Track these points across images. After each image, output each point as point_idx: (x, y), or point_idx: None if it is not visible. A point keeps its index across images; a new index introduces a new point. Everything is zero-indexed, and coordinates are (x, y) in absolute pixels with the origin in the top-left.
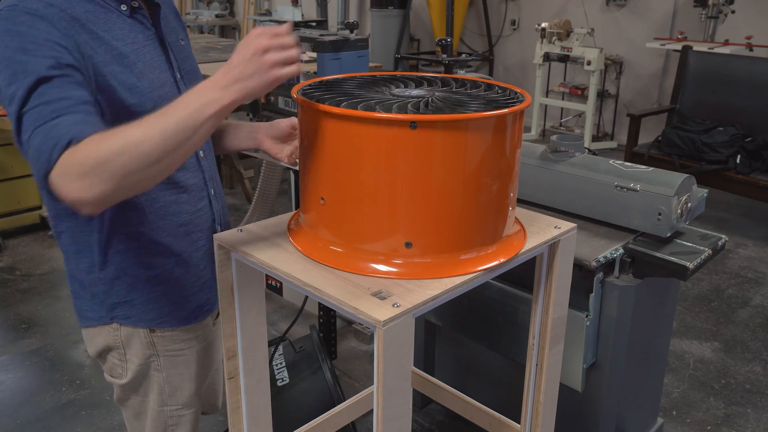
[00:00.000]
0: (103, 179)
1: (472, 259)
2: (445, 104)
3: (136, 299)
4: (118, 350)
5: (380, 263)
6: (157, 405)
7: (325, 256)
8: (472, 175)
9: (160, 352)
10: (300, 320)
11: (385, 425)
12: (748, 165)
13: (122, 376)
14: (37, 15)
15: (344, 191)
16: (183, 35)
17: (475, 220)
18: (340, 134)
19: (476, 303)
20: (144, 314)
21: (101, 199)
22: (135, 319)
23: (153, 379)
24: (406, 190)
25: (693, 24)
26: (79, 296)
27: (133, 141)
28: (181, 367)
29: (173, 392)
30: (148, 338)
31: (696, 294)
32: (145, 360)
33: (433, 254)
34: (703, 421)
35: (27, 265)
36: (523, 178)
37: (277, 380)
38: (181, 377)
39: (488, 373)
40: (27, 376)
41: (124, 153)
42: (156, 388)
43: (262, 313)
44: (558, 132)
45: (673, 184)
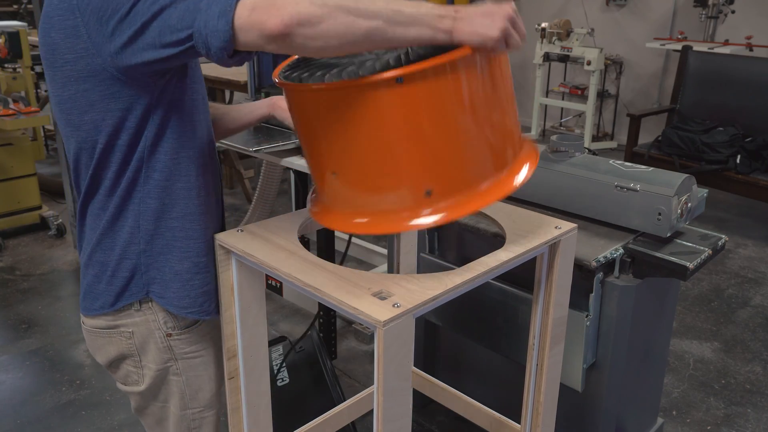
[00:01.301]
0: (322, 29)
1: (492, 187)
2: (426, 51)
3: (174, 283)
4: (132, 357)
5: (411, 219)
6: (178, 409)
7: (356, 226)
8: (470, 110)
9: (178, 355)
10: (300, 320)
11: (385, 425)
12: (748, 165)
13: (139, 384)
14: None
15: (353, 161)
16: None
17: (485, 150)
18: (331, 107)
19: (476, 303)
20: (177, 301)
21: (301, 21)
22: (168, 300)
23: (172, 383)
24: (412, 143)
25: (693, 24)
26: (109, 277)
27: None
28: (200, 368)
29: (194, 395)
30: (164, 342)
31: (696, 294)
32: (163, 365)
33: (454, 194)
34: (703, 421)
35: (27, 265)
36: None
37: (277, 380)
38: (201, 379)
39: (488, 373)
40: (27, 376)
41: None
42: (177, 393)
43: (262, 313)
44: (558, 132)
45: (673, 184)
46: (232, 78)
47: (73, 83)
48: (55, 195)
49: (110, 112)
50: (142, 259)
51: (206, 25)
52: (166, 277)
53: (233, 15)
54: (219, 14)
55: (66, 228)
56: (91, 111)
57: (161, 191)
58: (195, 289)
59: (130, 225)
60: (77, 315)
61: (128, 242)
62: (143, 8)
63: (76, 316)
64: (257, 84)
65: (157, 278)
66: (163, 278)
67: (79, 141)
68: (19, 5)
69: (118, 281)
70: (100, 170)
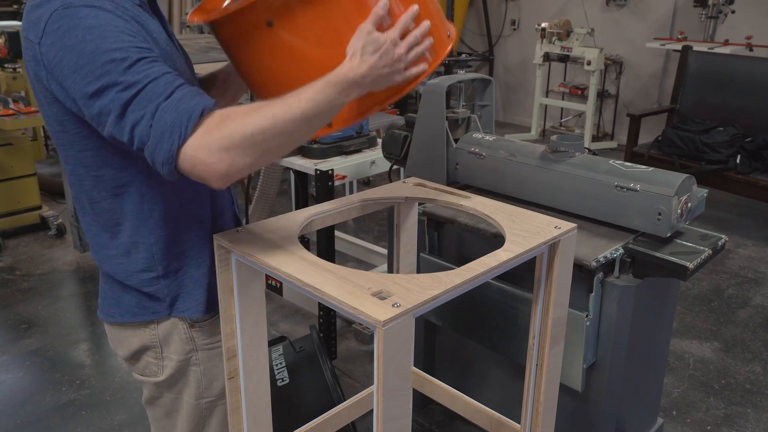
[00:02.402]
0: (246, 153)
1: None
2: None
3: (194, 289)
4: (154, 349)
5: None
6: (193, 399)
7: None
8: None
9: (199, 346)
10: (300, 320)
11: (385, 425)
12: (748, 165)
13: (158, 374)
14: (96, 6)
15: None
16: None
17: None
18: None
19: (476, 303)
20: (198, 304)
21: (237, 172)
22: (193, 310)
23: (191, 374)
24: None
25: (693, 24)
26: (131, 293)
27: (279, 119)
28: (217, 358)
29: (209, 384)
30: (187, 333)
31: (696, 294)
32: (185, 356)
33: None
34: (703, 421)
35: (27, 265)
36: (523, 178)
37: (277, 380)
38: (217, 369)
39: (488, 373)
40: (27, 376)
41: (271, 130)
42: (193, 383)
43: (262, 313)
44: (558, 132)
45: (673, 184)
46: None
47: (53, 122)
48: (55, 195)
49: (89, 149)
50: (162, 282)
51: (152, 158)
52: (188, 288)
53: (175, 164)
54: (162, 162)
55: (66, 228)
56: (74, 147)
57: (166, 219)
58: (215, 288)
59: (143, 256)
60: (77, 315)
61: (146, 269)
62: (107, 101)
63: (76, 316)
64: None
65: (180, 294)
66: (185, 290)
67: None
68: (19, 5)
69: (145, 299)
70: (95, 201)
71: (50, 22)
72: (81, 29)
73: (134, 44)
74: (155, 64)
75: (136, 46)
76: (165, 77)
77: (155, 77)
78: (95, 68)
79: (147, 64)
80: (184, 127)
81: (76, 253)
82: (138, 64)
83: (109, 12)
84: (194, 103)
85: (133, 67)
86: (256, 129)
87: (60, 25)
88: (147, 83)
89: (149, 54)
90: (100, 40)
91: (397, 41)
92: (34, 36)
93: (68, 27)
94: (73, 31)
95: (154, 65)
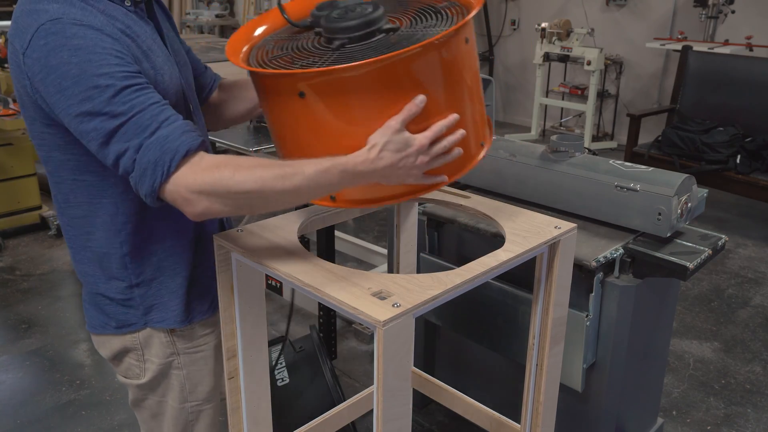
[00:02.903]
0: (226, 204)
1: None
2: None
3: (172, 301)
4: (135, 351)
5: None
6: (177, 403)
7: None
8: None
9: (180, 350)
10: (300, 320)
11: (385, 425)
12: (748, 165)
13: (140, 377)
14: (86, 24)
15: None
16: (168, 26)
17: None
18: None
19: (476, 303)
20: (175, 314)
21: (213, 215)
22: (170, 321)
23: (173, 377)
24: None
25: (693, 24)
26: (106, 305)
27: (269, 187)
28: (200, 363)
29: (193, 388)
30: (168, 338)
31: (696, 294)
32: (166, 359)
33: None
34: (703, 421)
35: (27, 265)
36: (523, 178)
37: (277, 380)
38: (201, 373)
39: (488, 373)
40: (27, 376)
41: (258, 193)
42: (177, 387)
43: (262, 313)
44: (558, 132)
45: (673, 184)
46: (231, 78)
47: (37, 125)
48: None
49: (73, 155)
50: (135, 292)
51: (135, 187)
52: (163, 299)
53: (158, 197)
54: (145, 195)
55: None
56: (57, 149)
57: (139, 231)
58: (194, 297)
59: (115, 266)
60: (77, 315)
61: (121, 278)
62: (95, 126)
63: (76, 316)
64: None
65: (155, 304)
66: (161, 301)
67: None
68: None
69: (120, 309)
70: (70, 205)
71: (37, 36)
72: (67, 50)
73: (121, 69)
74: (142, 93)
75: (123, 71)
76: (151, 109)
77: (141, 109)
78: (79, 92)
79: (133, 93)
80: (167, 166)
81: None
82: (123, 92)
83: (98, 30)
84: (179, 143)
85: (118, 96)
86: (241, 188)
87: (47, 41)
88: (132, 115)
89: (136, 80)
90: (85, 64)
91: (424, 148)
92: (19, 45)
93: (54, 45)
94: (59, 50)
95: (140, 94)
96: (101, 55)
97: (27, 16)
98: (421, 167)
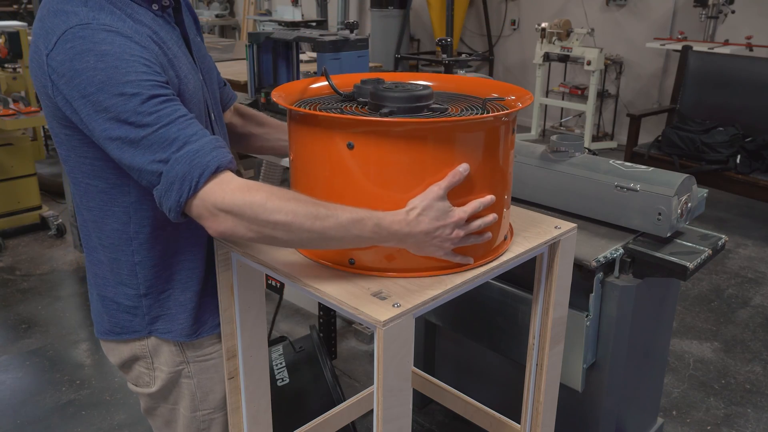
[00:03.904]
0: (251, 230)
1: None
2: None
3: (178, 312)
4: (145, 359)
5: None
6: (189, 411)
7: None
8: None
9: (190, 359)
10: (300, 320)
11: (385, 425)
12: (748, 165)
13: (150, 385)
14: (114, 30)
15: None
16: (195, 31)
17: None
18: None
19: (476, 303)
20: (182, 327)
21: (235, 237)
22: (175, 333)
23: (183, 386)
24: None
25: (693, 24)
26: (113, 309)
27: (298, 223)
28: (211, 371)
29: (204, 397)
30: (177, 346)
31: (696, 294)
32: (175, 368)
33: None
34: (703, 421)
35: (27, 265)
36: (523, 178)
37: (277, 380)
38: (212, 381)
39: (488, 373)
40: (27, 376)
41: (286, 226)
42: (187, 395)
43: (262, 313)
44: (558, 132)
45: (673, 184)
46: (232, 78)
47: (56, 125)
48: (55, 195)
49: (88, 158)
50: (143, 301)
51: (159, 201)
52: (171, 311)
53: (182, 212)
54: (169, 209)
55: (66, 228)
56: (75, 150)
57: (153, 242)
58: (203, 312)
59: (126, 273)
60: (77, 315)
61: (129, 285)
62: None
63: (77, 316)
64: (257, 84)
65: (162, 315)
66: (169, 313)
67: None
68: (19, 5)
69: (126, 316)
70: (83, 207)
71: (63, 39)
72: (94, 54)
73: (149, 77)
74: (169, 104)
75: (151, 80)
76: (179, 122)
77: (168, 122)
78: (104, 99)
79: (160, 103)
80: (195, 182)
81: (76, 253)
82: (150, 102)
83: (127, 37)
84: (210, 158)
85: (145, 105)
86: (271, 217)
87: (73, 45)
88: (159, 127)
89: (163, 90)
90: (112, 70)
91: (462, 222)
92: (44, 46)
93: (81, 49)
94: (85, 54)
95: (167, 105)
96: (129, 62)
97: (54, 16)
98: (454, 241)
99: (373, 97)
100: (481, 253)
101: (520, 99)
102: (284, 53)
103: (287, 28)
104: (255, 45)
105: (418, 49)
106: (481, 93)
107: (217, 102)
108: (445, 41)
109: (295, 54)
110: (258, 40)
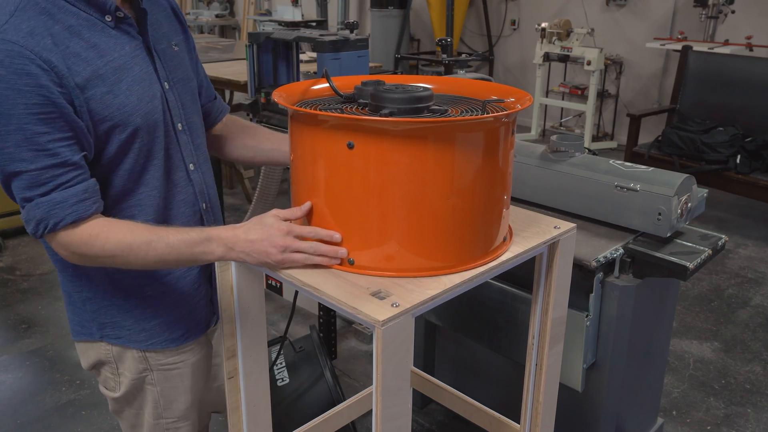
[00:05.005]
0: (97, 262)
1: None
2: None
3: (126, 321)
4: (110, 365)
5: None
6: (152, 418)
7: None
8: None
9: (154, 366)
10: (300, 320)
11: (385, 425)
12: (748, 165)
13: (115, 390)
14: (17, 53)
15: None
16: (178, 39)
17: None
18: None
19: (476, 303)
20: (134, 336)
21: (89, 264)
22: (125, 339)
23: (147, 392)
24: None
25: (693, 24)
26: (71, 310)
27: (135, 252)
28: (176, 380)
29: (168, 405)
30: (140, 354)
31: (696, 294)
32: (139, 375)
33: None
34: (703, 421)
35: (27, 265)
36: (523, 178)
37: (277, 380)
38: (176, 390)
39: (488, 373)
40: (27, 376)
41: (125, 256)
42: (151, 402)
43: (262, 313)
44: (558, 132)
45: (673, 184)
46: (232, 78)
47: None
48: None
49: None
50: (87, 306)
51: (23, 219)
52: (116, 319)
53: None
54: (29, 232)
55: None
56: None
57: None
58: (149, 321)
59: (71, 276)
60: None
61: (77, 290)
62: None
63: None
64: (257, 84)
65: (107, 323)
66: (113, 321)
67: None
68: None
69: (79, 317)
70: None
71: None
72: None
73: (41, 110)
74: (54, 144)
75: (41, 113)
76: (53, 170)
77: (44, 166)
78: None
79: (47, 142)
80: (48, 228)
81: None
82: (35, 139)
83: (29, 60)
84: (68, 212)
85: (28, 142)
86: (110, 250)
87: None
88: (33, 169)
89: (53, 126)
90: (1, 98)
91: (292, 230)
92: None
93: None
94: None
95: (53, 146)
96: (22, 92)
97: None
98: (287, 245)
99: (374, 98)
100: (480, 253)
101: (519, 101)
102: (284, 53)
103: (287, 28)
104: (255, 45)
105: (418, 49)
106: (481, 95)
107: (194, 112)
108: (445, 41)
109: (295, 54)
110: (258, 40)
